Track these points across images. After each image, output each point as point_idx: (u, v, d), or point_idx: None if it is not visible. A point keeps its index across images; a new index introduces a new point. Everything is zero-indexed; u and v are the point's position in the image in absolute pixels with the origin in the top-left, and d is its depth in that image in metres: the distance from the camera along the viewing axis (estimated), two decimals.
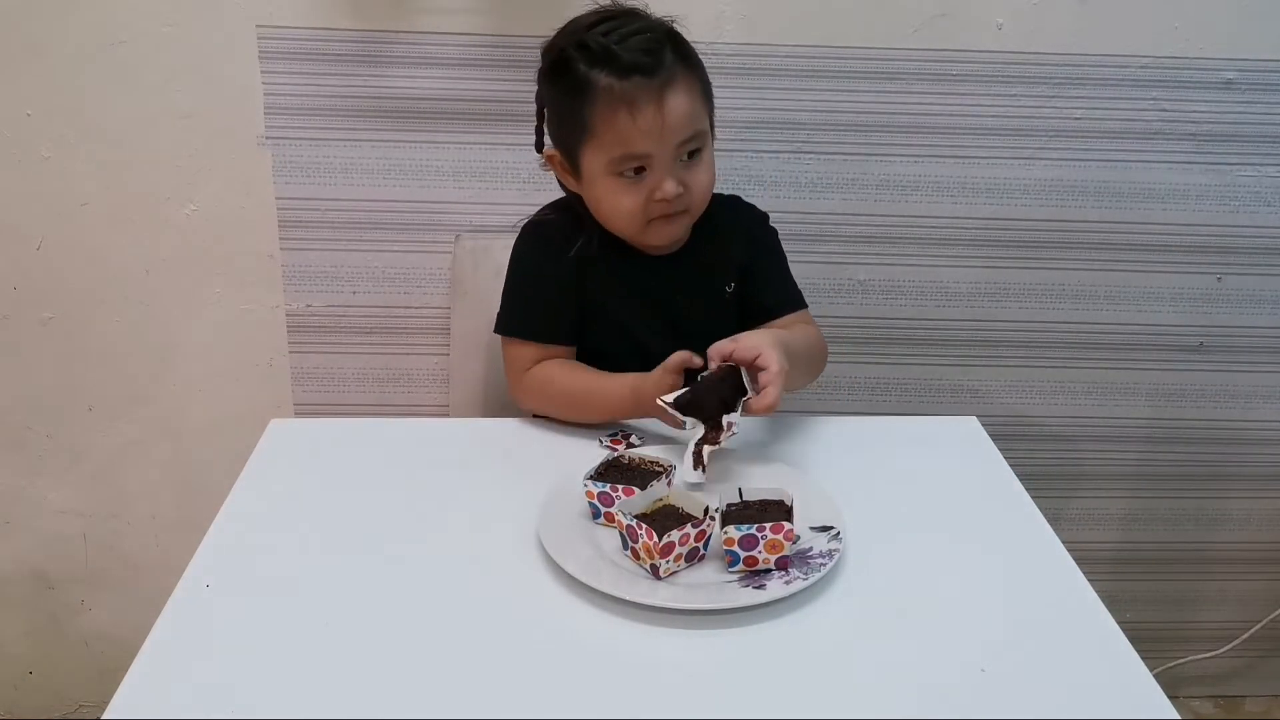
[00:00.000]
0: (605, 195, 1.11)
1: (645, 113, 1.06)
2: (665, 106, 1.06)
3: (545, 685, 0.78)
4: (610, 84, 1.05)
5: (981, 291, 1.55)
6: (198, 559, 0.91)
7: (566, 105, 1.10)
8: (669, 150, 1.08)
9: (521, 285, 1.20)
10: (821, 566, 0.88)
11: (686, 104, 1.08)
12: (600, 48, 1.06)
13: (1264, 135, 1.48)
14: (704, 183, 1.13)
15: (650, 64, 1.06)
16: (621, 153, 1.08)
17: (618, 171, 1.09)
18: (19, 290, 1.50)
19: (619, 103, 1.05)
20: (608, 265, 1.17)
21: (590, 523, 0.95)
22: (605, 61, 1.06)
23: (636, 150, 1.07)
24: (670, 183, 1.09)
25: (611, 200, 1.11)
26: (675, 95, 1.07)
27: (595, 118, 1.07)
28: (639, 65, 1.05)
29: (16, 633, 1.69)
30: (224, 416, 1.56)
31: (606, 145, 1.08)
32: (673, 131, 1.07)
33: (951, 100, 1.45)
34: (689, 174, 1.11)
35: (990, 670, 0.80)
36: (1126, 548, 1.71)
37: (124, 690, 0.77)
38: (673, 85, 1.07)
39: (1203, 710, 1.82)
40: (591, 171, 1.11)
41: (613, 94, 1.05)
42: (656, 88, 1.06)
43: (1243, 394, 1.62)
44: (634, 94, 1.05)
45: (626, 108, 1.05)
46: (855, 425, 1.20)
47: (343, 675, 0.79)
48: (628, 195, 1.10)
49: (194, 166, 1.44)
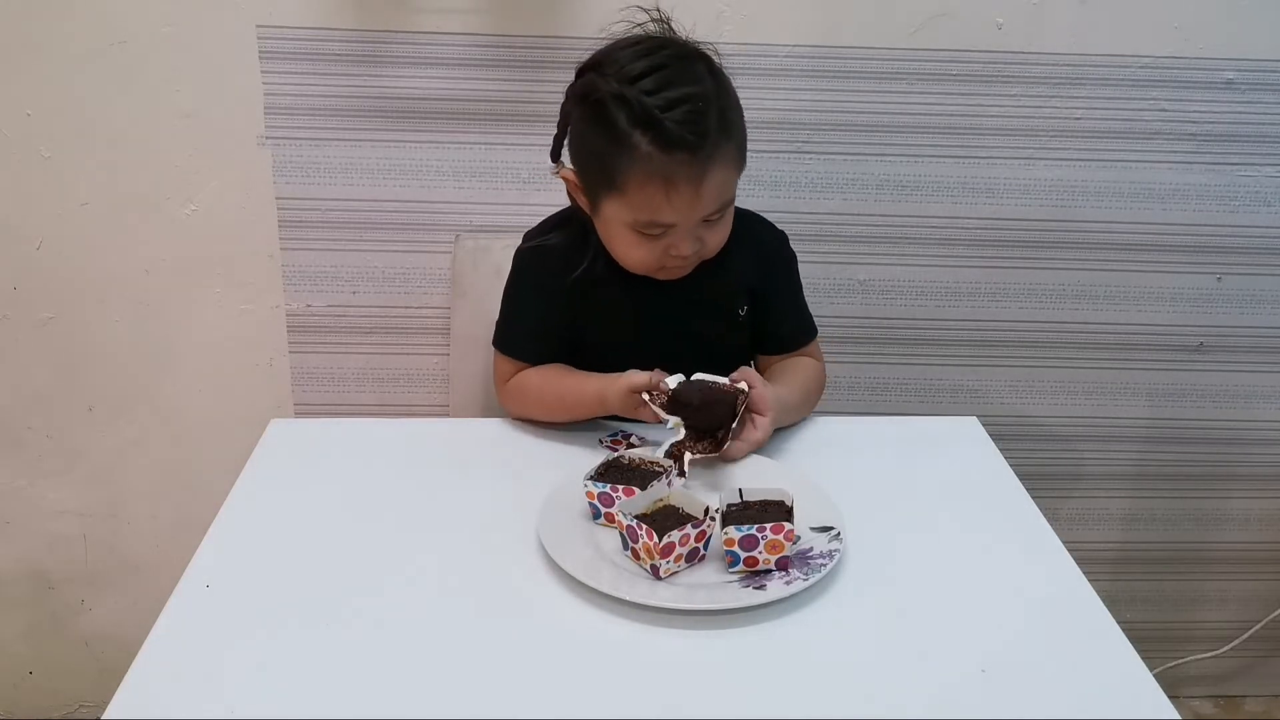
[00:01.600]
0: (618, 243, 1.10)
1: (681, 192, 1.03)
2: (702, 186, 1.03)
3: (545, 685, 0.78)
4: (650, 153, 1.01)
5: (981, 291, 1.55)
6: (198, 559, 0.91)
7: (598, 149, 1.06)
8: (695, 220, 1.07)
9: (515, 305, 1.21)
10: (821, 566, 0.88)
11: (721, 181, 1.05)
12: (644, 112, 1.01)
13: (1264, 135, 1.48)
14: (721, 237, 1.12)
15: (694, 141, 1.01)
16: (648, 219, 1.06)
17: (638, 230, 1.07)
18: (19, 290, 1.50)
19: (656, 176, 1.02)
20: (617, 287, 1.15)
21: (590, 523, 0.95)
22: (647, 126, 1.01)
23: (663, 220, 1.05)
24: (688, 245, 1.08)
25: (623, 249, 1.10)
26: (713, 174, 1.04)
27: (627, 179, 1.04)
28: (682, 142, 1.01)
29: (16, 633, 1.69)
30: (224, 416, 1.56)
31: (633, 208, 1.05)
32: (702, 209, 1.06)
33: (951, 100, 1.45)
34: (708, 232, 1.09)
35: (990, 670, 0.80)
36: (1126, 548, 1.71)
37: (124, 690, 0.77)
38: (712, 164, 1.03)
39: (1203, 710, 1.82)
40: (609, 217, 1.09)
41: (651, 165, 1.02)
42: (697, 167, 1.02)
43: (1242, 394, 1.62)
44: (673, 171, 1.02)
45: (663, 183, 1.02)
46: (855, 425, 1.20)
47: (343, 675, 0.79)
48: (642, 249, 1.09)
49: (194, 166, 1.44)
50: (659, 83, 1.03)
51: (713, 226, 1.10)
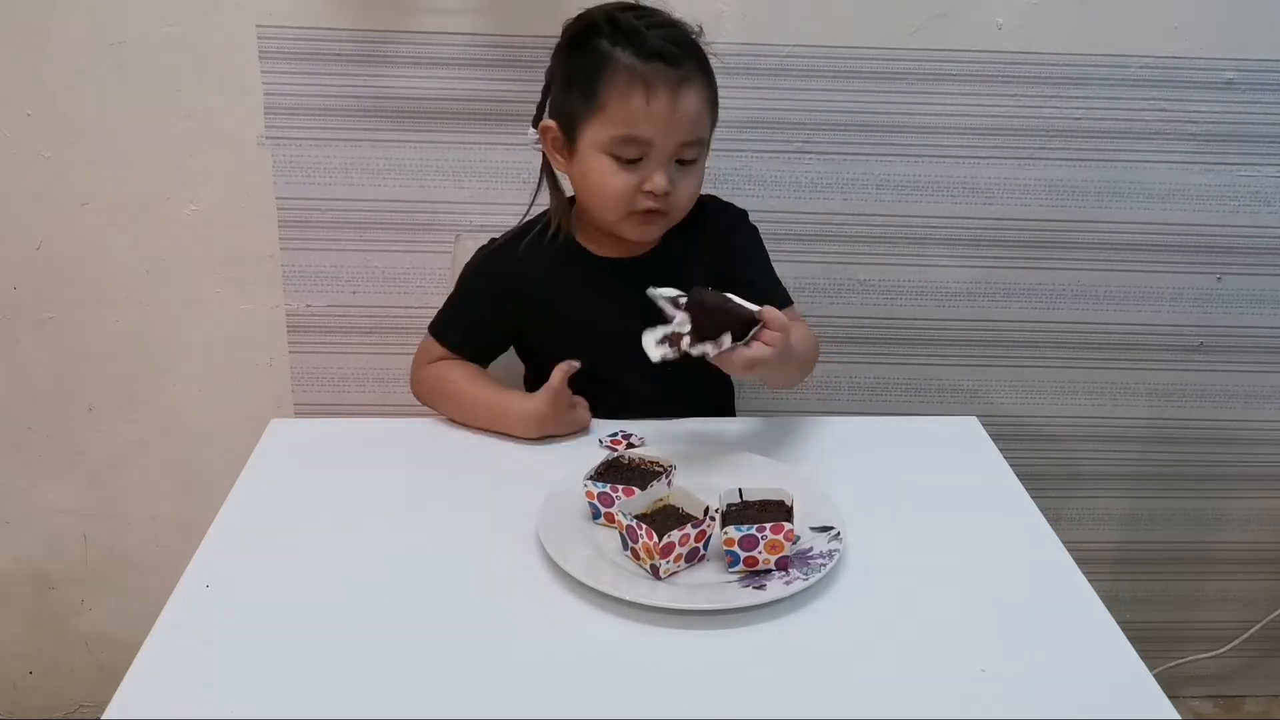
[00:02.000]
0: (595, 173, 1.11)
1: (659, 99, 1.06)
2: (679, 100, 1.07)
3: (545, 685, 0.78)
4: (632, 63, 1.06)
5: (981, 291, 1.55)
6: (198, 559, 0.91)
7: (580, 76, 1.10)
8: (670, 145, 1.09)
9: (460, 297, 1.24)
10: (821, 566, 0.88)
11: (697, 105, 1.09)
12: (629, 27, 1.08)
13: (1264, 135, 1.48)
14: (690, 190, 1.14)
15: (675, 55, 1.07)
16: (625, 132, 1.08)
17: (615, 153, 1.09)
18: (19, 290, 1.50)
19: (636, 82, 1.06)
20: (576, 272, 1.18)
21: (590, 523, 0.95)
22: (631, 41, 1.07)
23: (641, 134, 1.08)
24: (661, 177, 1.09)
25: (600, 179, 1.11)
26: (690, 93, 1.08)
27: (608, 92, 1.07)
28: (663, 52, 1.07)
29: (16, 633, 1.69)
30: (224, 416, 1.56)
31: (613, 122, 1.08)
32: (679, 127, 1.08)
33: (951, 100, 1.45)
34: (679, 177, 1.11)
35: (990, 670, 0.80)
36: (1126, 548, 1.71)
37: (124, 690, 0.77)
38: (690, 83, 1.08)
39: (1203, 710, 1.82)
40: (588, 147, 1.11)
41: (632, 73, 1.06)
42: (675, 79, 1.07)
43: (1243, 394, 1.62)
44: (652, 78, 1.06)
45: (643, 89, 1.06)
46: (855, 425, 1.20)
47: (343, 675, 0.79)
48: (618, 178, 1.10)
49: (194, 166, 1.44)
50: (645, 14, 1.11)
51: (685, 172, 1.12)
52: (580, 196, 1.17)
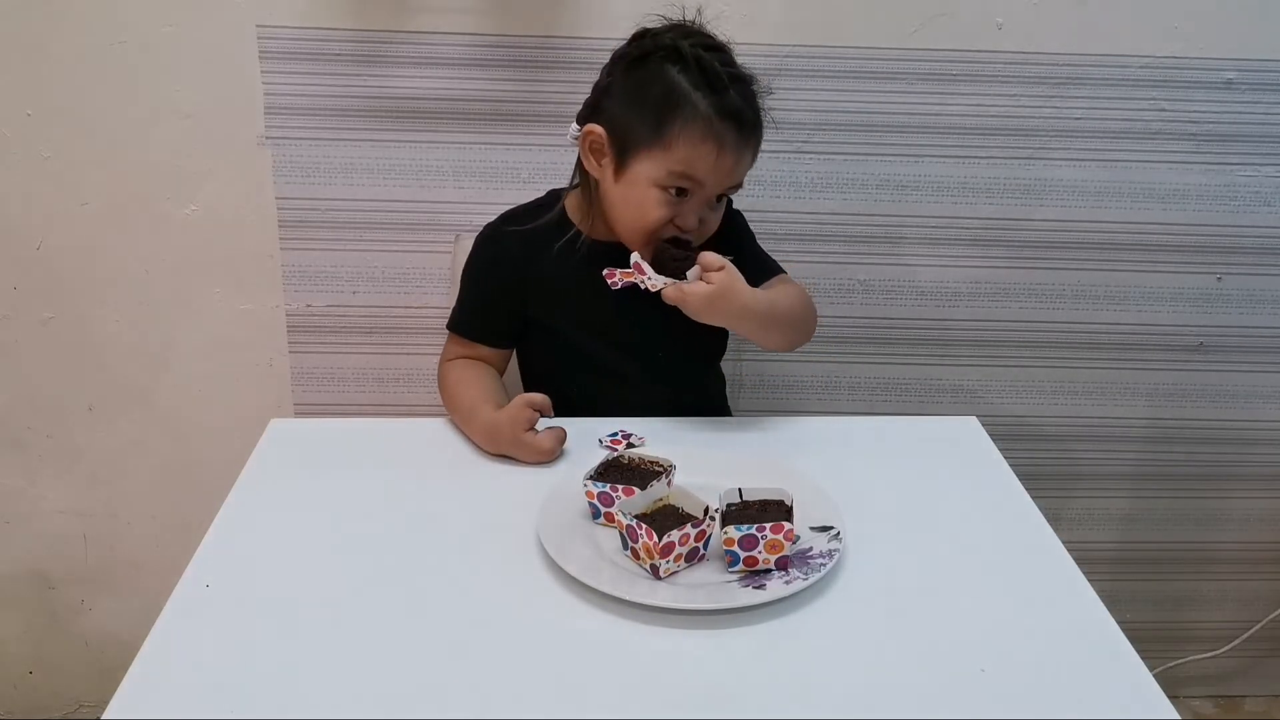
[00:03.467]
0: (638, 201, 1.12)
1: (727, 157, 1.09)
2: (741, 160, 1.11)
3: (545, 685, 0.78)
4: (710, 116, 1.07)
5: (981, 291, 1.55)
6: (198, 559, 0.91)
7: (649, 103, 1.09)
8: (719, 189, 1.13)
9: (465, 285, 1.25)
10: (821, 566, 0.88)
11: (750, 164, 1.14)
12: (711, 71, 1.08)
13: (1264, 135, 1.48)
14: (715, 226, 1.17)
15: (752, 120, 1.11)
16: (685, 173, 1.10)
17: (665, 186, 1.10)
18: (19, 290, 1.50)
19: (710, 137, 1.08)
20: (576, 255, 1.18)
21: (590, 523, 0.95)
22: (712, 89, 1.08)
23: (699, 178, 1.10)
24: (694, 217, 1.13)
25: (641, 209, 1.12)
26: (749, 154, 1.12)
27: (679, 134, 1.08)
28: (741, 116, 1.09)
29: (16, 633, 1.69)
30: (224, 416, 1.56)
31: (675, 162, 1.09)
32: (732, 180, 1.13)
33: (951, 100, 1.45)
34: (710, 213, 1.15)
35: (990, 670, 0.80)
36: (1126, 548, 1.71)
37: (124, 690, 0.77)
38: (752, 145, 1.12)
39: (1203, 710, 1.82)
40: (640, 174, 1.11)
41: (710, 126, 1.08)
42: (745, 141, 1.10)
43: (1243, 394, 1.62)
44: (726, 137, 1.08)
45: (715, 145, 1.08)
46: (855, 425, 1.20)
47: (343, 675, 0.79)
48: (661, 209, 1.12)
49: (194, 166, 1.44)
50: (721, 59, 1.10)
51: (715, 209, 1.16)
52: (608, 207, 1.16)
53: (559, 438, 1.07)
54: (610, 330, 1.20)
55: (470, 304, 1.24)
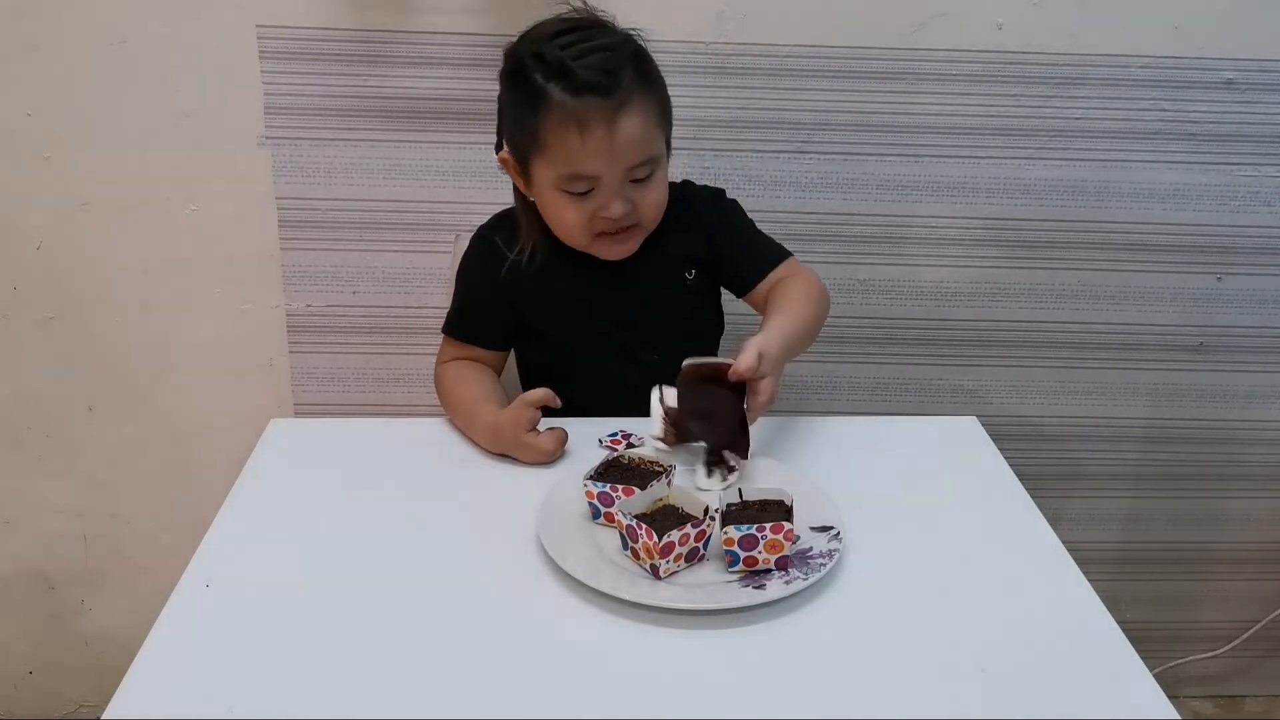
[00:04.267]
0: (550, 206, 1.11)
1: (595, 134, 1.03)
2: (617, 130, 1.04)
3: (545, 685, 0.78)
4: (563, 100, 1.03)
5: (981, 291, 1.55)
6: (198, 559, 0.91)
7: (520, 113, 1.08)
8: (617, 174, 1.07)
9: (458, 288, 1.24)
10: (821, 566, 0.88)
11: (639, 128, 1.06)
12: (556, 61, 1.03)
13: (1264, 135, 1.48)
14: (654, 201, 1.12)
15: (606, 84, 1.03)
16: (569, 171, 1.06)
17: (564, 188, 1.08)
18: (19, 290, 1.50)
19: (570, 121, 1.03)
20: (560, 269, 1.17)
21: (590, 523, 0.95)
22: (560, 76, 1.03)
23: (584, 171, 1.06)
24: (617, 204, 1.08)
25: (557, 213, 1.11)
26: (628, 119, 1.04)
27: (546, 132, 1.05)
28: (594, 85, 1.02)
29: (16, 633, 1.69)
30: (224, 416, 1.56)
31: (555, 162, 1.06)
32: (622, 155, 1.06)
33: (951, 100, 1.45)
34: (639, 193, 1.09)
35: (990, 670, 0.80)
36: (1126, 548, 1.71)
37: (124, 690, 0.77)
38: (627, 108, 1.04)
39: (1203, 710, 1.82)
40: (540, 183, 1.10)
41: (565, 111, 1.03)
42: (610, 110, 1.03)
43: (1243, 394, 1.62)
44: (585, 114, 1.03)
45: (577, 127, 1.03)
46: (855, 425, 1.20)
47: (343, 675, 0.79)
48: (572, 210, 1.09)
49: (194, 166, 1.44)
50: (573, 39, 1.05)
51: (643, 187, 1.09)
52: (549, 225, 1.15)
53: (560, 439, 1.07)
54: (602, 332, 1.20)
55: (464, 306, 1.23)
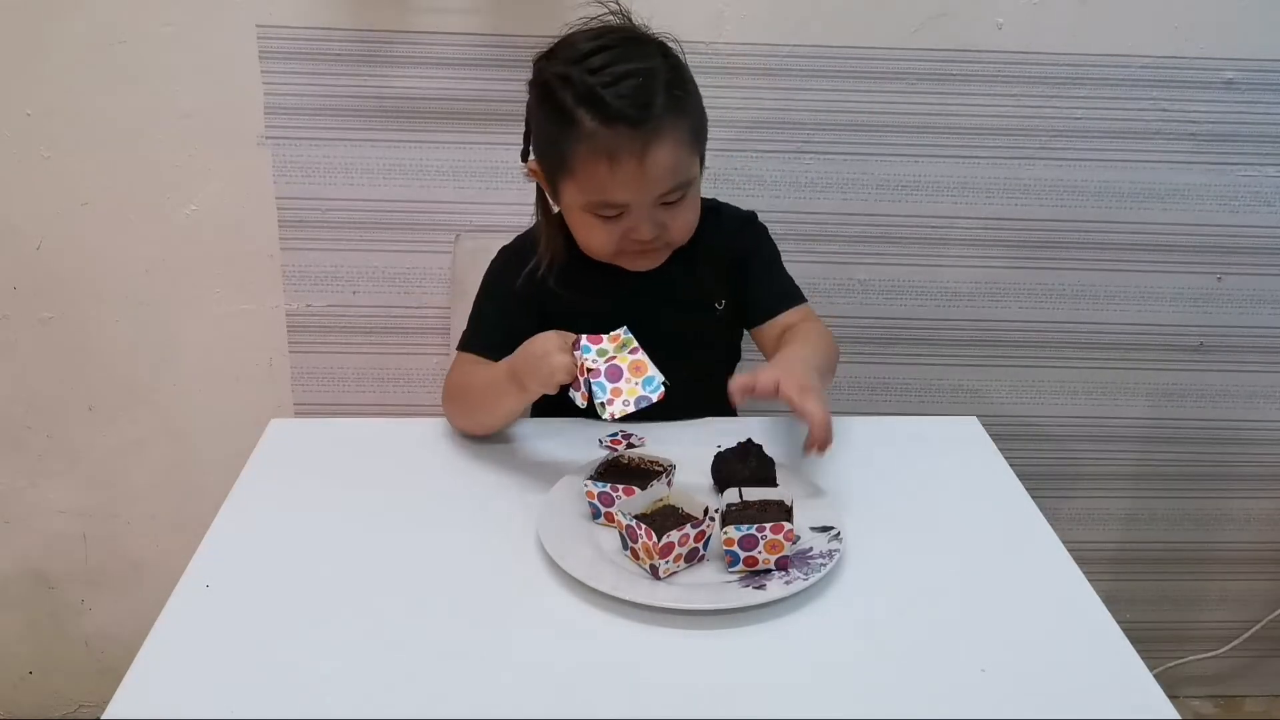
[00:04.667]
0: (578, 227, 1.10)
1: (626, 166, 1.01)
2: (647, 161, 1.01)
3: (545, 685, 0.78)
4: (594, 129, 1.01)
5: (981, 291, 1.55)
6: (198, 559, 0.91)
7: (550, 133, 1.06)
8: (646, 201, 1.05)
9: (478, 306, 1.20)
10: (821, 566, 0.88)
11: (671, 158, 1.03)
12: (586, 89, 1.01)
13: (1264, 135, 1.48)
14: (685, 222, 1.10)
15: (636, 116, 1.00)
16: (598, 199, 1.05)
17: (594, 212, 1.07)
18: (19, 290, 1.50)
19: (600, 152, 1.01)
20: (590, 289, 1.15)
21: (590, 523, 0.95)
22: (591, 103, 1.01)
23: (614, 200, 1.04)
24: (646, 228, 1.06)
25: (584, 234, 1.10)
26: (660, 149, 1.02)
27: (575, 159, 1.03)
28: (624, 115, 1.00)
29: (16, 633, 1.69)
30: (224, 416, 1.56)
31: (584, 189, 1.05)
32: (653, 186, 1.04)
33: (951, 100, 1.45)
34: (669, 215, 1.08)
35: (990, 670, 0.80)
36: (1126, 548, 1.71)
37: (124, 690, 0.77)
38: (658, 138, 1.01)
39: (1203, 710, 1.82)
40: (569, 203, 1.09)
41: (595, 141, 1.01)
42: (640, 140, 1.01)
43: (1243, 394, 1.62)
44: (616, 145, 1.00)
45: (607, 158, 1.01)
46: (855, 425, 1.20)
47: (343, 675, 0.79)
48: (600, 233, 1.08)
49: (194, 166, 1.44)
50: (605, 61, 1.02)
51: (673, 210, 1.07)
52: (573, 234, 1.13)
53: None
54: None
55: (486, 316, 1.18)
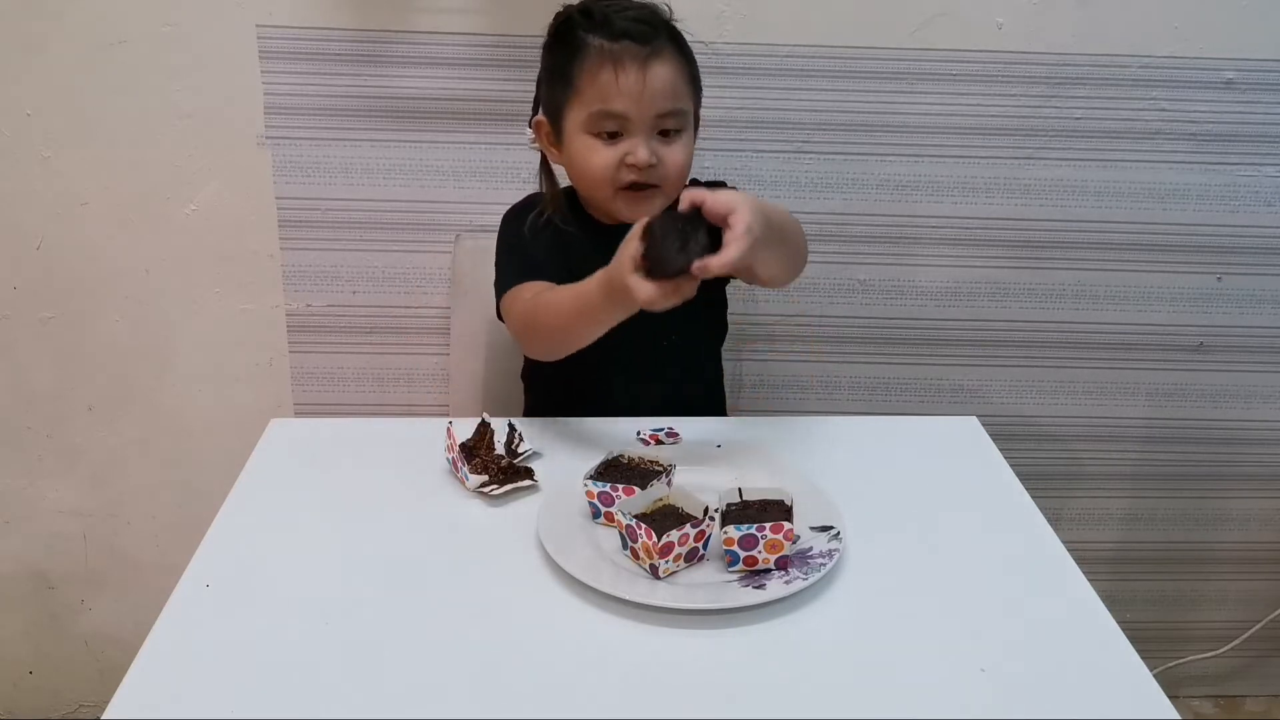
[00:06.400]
0: (579, 153, 1.14)
1: (628, 73, 1.09)
2: (649, 72, 1.10)
3: (545, 685, 0.78)
4: (601, 44, 1.10)
5: (981, 291, 1.55)
6: (198, 559, 0.91)
7: (559, 65, 1.14)
8: (646, 116, 1.11)
9: (511, 248, 1.21)
10: (821, 566, 0.88)
11: (670, 76, 1.11)
12: (600, 14, 1.11)
13: (1264, 135, 1.48)
14: (679, 161, 1.14)
15: (642, 32, 1.10)
16: (600, 108, 1.10)
17: (594, 130, 1.12)
18: (19, 290, 1.50)
19: (605, 60, 1.10)
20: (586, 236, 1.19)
21: (590, 523, 0.95)
22: (601, 26, 1.11)
23: (614, 108, 1.10)
24: (643, 150, 1.11)
25: (583, 158, 1.14)
26: (660, 65, 1.11)
27: (581, 74, 1.11)
28: (630, 32, 1.10)
29: (16, 633, 1.69)
30: (224, 416, 1.56)
31: (587, 100, 1.11)
32: (652, 98, 1.10)
33: (951, 100, 1.45)
34: (664, 148, 1.13)
35: (990, 670, 0.80)
36: (1126, 548, 1.71)
37: (124, 690, 0.77)
38: (660, 56, 1.11)
39: (1203, 710, 1.82)
40: (571, 131, 1.14)
41: (601, 52, 1.10)
42: (644, 54, 1.10)
43: (1243, 394, 1.62)
44: (620, 54, 1.09)
45: (611, 65, 1.09)
46: (855, 425, 1.20)
47: (343, 675, 0.79)
48: (600, 154, 1.12)
49: (194, 166, 1.44)
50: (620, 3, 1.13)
51: (669, 144, 1.13)
52: (575, 183, 1.19)
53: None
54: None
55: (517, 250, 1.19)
